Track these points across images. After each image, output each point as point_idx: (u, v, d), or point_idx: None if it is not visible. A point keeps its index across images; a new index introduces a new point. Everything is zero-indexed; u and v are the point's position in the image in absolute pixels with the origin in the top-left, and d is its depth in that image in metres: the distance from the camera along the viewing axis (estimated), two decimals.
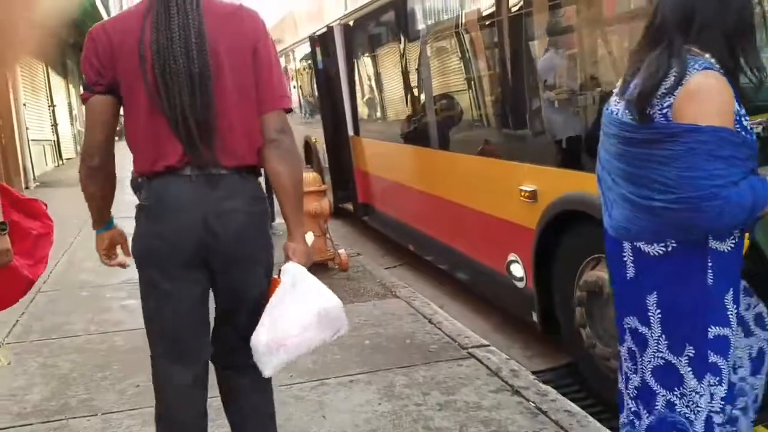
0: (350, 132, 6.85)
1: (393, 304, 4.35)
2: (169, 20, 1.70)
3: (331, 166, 7.43)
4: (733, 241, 1.67)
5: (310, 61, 8.33)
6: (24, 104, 11.47)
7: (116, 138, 1.91)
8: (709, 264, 1.66)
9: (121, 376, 3.26)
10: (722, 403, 1.72)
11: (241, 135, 1.78)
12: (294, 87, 9.66)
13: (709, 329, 1.68)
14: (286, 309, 1.76)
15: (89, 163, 1.84)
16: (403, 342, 3.63)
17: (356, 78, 6.53)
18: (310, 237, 1.96)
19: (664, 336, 1.74)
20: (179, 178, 1.76)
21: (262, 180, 1.92)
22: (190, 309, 1.85)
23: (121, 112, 1.84)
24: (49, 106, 15.15)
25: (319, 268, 5.22)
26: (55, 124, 15.45)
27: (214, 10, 1.76)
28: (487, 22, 3.79)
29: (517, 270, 3.67)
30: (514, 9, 3.43)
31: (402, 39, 5.13)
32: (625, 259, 1.78)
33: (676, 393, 1.75)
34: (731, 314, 1.70)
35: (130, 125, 1.80)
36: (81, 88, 1.84)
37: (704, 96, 1.56)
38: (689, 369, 1.71)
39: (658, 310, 1.73)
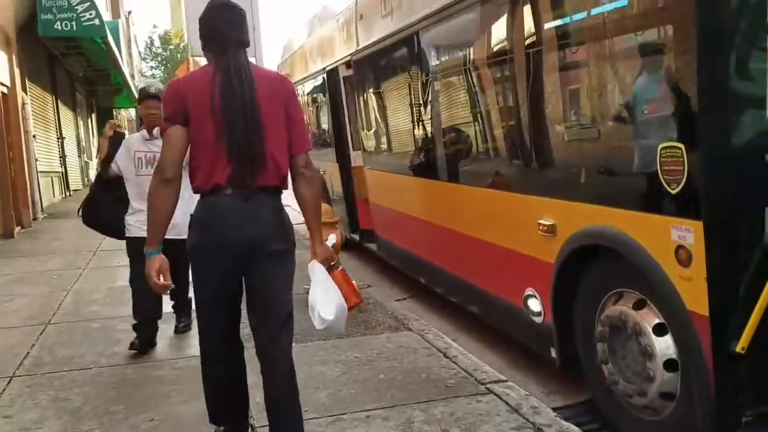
0: (358, 164, 6.89)
1: (406, 337, 4.30)
2: (231, 78, 2.39)
3: (344, 197, 7.45)
4: None
5: (319, 95, 8.43)
6: (34, 136, 11.57)
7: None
8: None
9: (135, 410, 3.20)
10: None
11: (271, 164, 2.45)
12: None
13: None
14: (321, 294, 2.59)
15: (163, 175, 2.40)
16: (419, 376, 3.57)
17: (364, 112, 6.59)
18: (331, 239, 2.90)
19: None
20: (223, 195, 2.41)
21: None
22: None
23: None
24: (57, 139, 15.27)
25: None
26: (63, 156, 15.55)
27: (260, 73, 2.52)
28: (502, 57, 3.83)
29: (535, 305, 3.63)
30: (533, 42, 3.47)
31: (411, 74, 5.19)
32: None
33: None
34: None
35: (196, 152, 2.42)
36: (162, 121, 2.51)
37: None
38: None
39: None
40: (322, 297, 2.56)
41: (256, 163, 2.38)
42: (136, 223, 3.92)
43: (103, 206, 4.18)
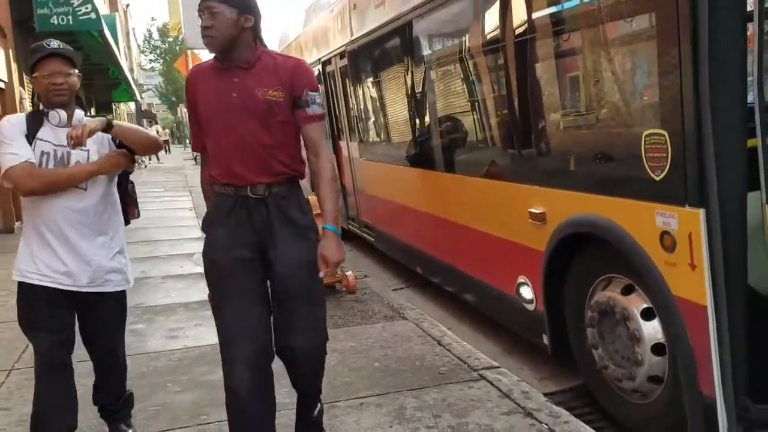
0: (354, 154, 6.92)
1: (401, 326, 4.34)
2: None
3: (341, 187, 7.49)
4: None
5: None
6: None
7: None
8: None
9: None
10: None
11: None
12: None
13: None
14: None
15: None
16: (413, 364, 3.61)
17: (359, 102, 6.61)
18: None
19: None
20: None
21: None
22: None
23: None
24: None
25: (327, 290, 5.22)
26: None
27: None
28: (493, 46, 3.84)
29: (527, 292, 3.67)
30: (522, 31, 3.49)
31: (405, 63, 5.20)
32: None
33: None
34: None
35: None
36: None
37: None
38: None
39: None
40: None
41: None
42: (42, 266, 2.46)
43: None
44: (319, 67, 7.70)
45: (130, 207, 2.76)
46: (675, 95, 2.41)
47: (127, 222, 2.76)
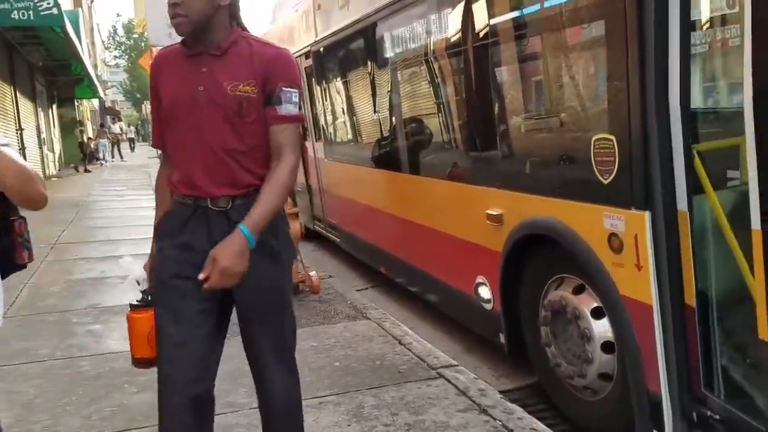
0: (320, 155, 6.93)
1: (363, 325, 4.37)
2: None
3: (307, 188, 7.49)
4: None
5: None
6: None
7: None
8: None
9: (87, 401, 3.22)
10: None
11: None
12: None
13: None
14: None
15: None
16: (373, 363, 3.65)
17: (324, 102, 6.63)
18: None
19: None
20: None
21: None
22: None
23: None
24: (16, 130, 14.93)
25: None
26: (22, 148, 15.21)
27: None
28: (453, 50, 3.91)
29: (485, 292, 3.74)
30: (480, 36, 3.55)
31: (369, 65, 5.24)
32: None
33: None
34: None
35: None
36: None
37: None
38: None
39: None
40: None
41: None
42: None
43: None
44: None
45: (18, 249, 2.02)
46: (622, 102, 2.49)
47: (14, 268, 2.01)
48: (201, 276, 1.81)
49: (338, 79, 6.27)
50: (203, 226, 1.95)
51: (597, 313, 2.89)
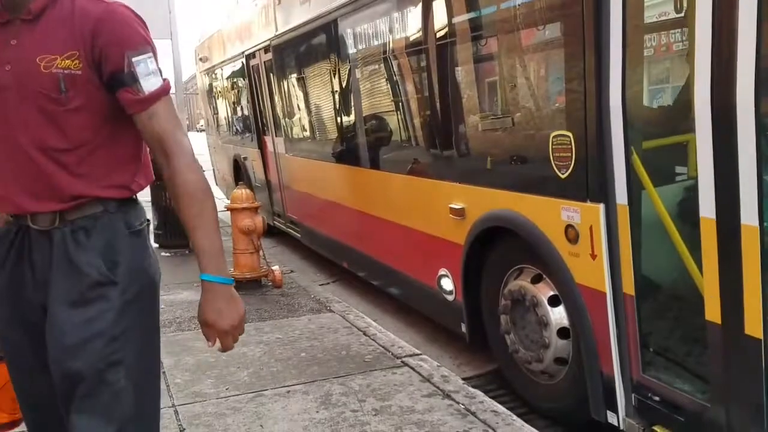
0: (280, 150, 6.95)
1: (328, 318, 4.45)
2: None
3: (266, 183, 7.51)
4: None
5: (239, 80, 8.39)
6: None
7: None
8: None
9: None
10: None
11: None
12: (223, 105, 9.66)
13: None
14: None
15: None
16: (339, 353, 3.74)
17: (284, 97, 6.66)
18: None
19: None
20: None
21: None
22: None
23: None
24: None
25: (252, 284, 5.26)
26: None
27: None
28: (415, 48, 4.02)
29: (447, 284, 3.87)
30: (443, 34, 3.67)
31: (331, 61, 5.31)
32: None
33: None
34: None
35: None
36: None
37: None
38: None
39: None
40: None
41: None
42: None
43: None
44: (243, 60, 7.66)
45: None
46: (579, 100, 2.65)
47: None
48: (209, 345, 1.52)
49: (298, 74, 6.30)
50: (25, 254, 1.48)
51: (554, 301, 3.05)
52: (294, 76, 6.44)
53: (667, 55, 2.73)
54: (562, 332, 3.02)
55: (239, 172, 8.62)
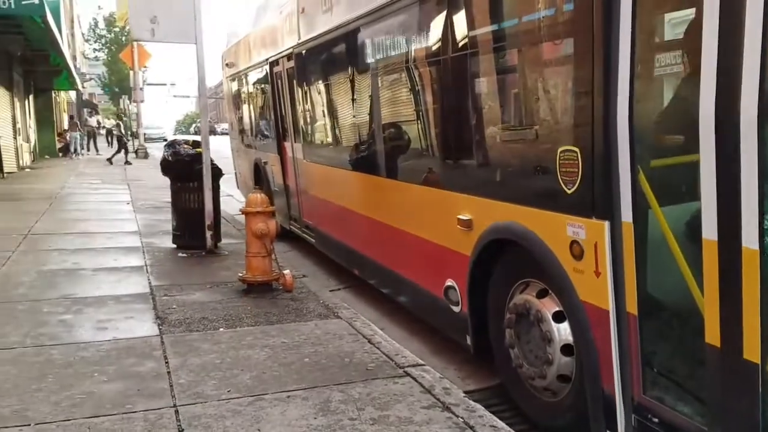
0: (298, 156, 7.00)
1: (335, 324, 4.45)
2: None
3: (284, 188, 7.56)
4: None
5: (263, 86, 8.48)
6: None
7: None
8: None
9: (57, 388, 3.25)
10: None
11: None
12: (246, 110, 9.76)
13: None
14: None
15: None
16: (342, 360, 3.73)
17: (305, 104, 6.71)
18: None
19: None
20: None
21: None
22: None
23: None
24: None
25: (263, 287, 5.29)
26: None
27: None
28: (431, 60, 4.02)
29: (454, 295, 3.85)
30: (459, 47, 3.67)
31: (349, 70, 5.34)
32: None
33: None
34: None
35: None
36: None
37: None
38: None
39: None
40: None
41: None
42: None
43: None
44: (267, 66, 7.75)
45: None
46: (587, 116, 2.63)
47: None
48: None
49: (319, 81, 6.36)
50: None
51: (558, 317, 3.02)
52: (313, 83, 6.49)
53: (674, 73, 2.69)
54: (566, 349, 2.99)
55: (260, 176, 8.71)
